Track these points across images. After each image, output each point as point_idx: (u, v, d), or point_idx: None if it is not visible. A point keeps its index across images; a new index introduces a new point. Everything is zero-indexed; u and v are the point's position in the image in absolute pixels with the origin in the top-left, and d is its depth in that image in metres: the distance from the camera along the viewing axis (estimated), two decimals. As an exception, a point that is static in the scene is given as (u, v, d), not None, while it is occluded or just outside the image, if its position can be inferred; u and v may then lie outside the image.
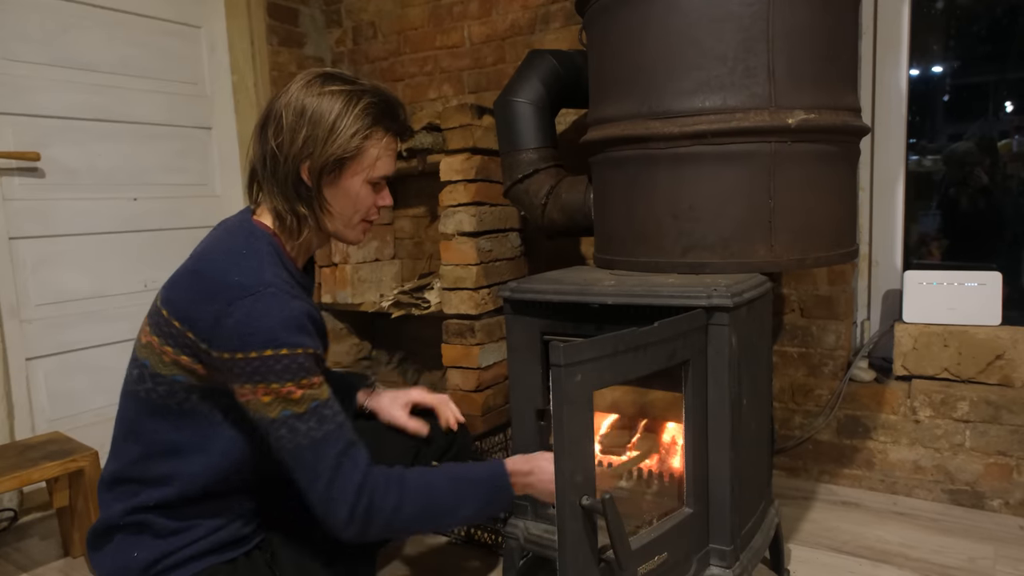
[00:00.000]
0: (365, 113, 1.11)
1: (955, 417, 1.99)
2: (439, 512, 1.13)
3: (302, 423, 1.03)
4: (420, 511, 1.10)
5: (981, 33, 2.33)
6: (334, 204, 1.15)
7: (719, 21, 1.43)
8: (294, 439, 1.03)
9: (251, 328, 1.00)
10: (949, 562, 1.73)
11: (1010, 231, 2.36)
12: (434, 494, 1.12)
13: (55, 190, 2.30)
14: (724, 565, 1.35)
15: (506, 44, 2.61)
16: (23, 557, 1.98)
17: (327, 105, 1.09)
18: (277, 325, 1.01)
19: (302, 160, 1.10)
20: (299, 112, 1.09)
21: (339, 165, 1.12)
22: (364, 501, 1.05)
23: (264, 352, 1.00)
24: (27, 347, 2.24)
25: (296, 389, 1.02)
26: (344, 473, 1.04)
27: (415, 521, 1.10)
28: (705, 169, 1.49)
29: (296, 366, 1.02)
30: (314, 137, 1.09)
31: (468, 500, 1.16)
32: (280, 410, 1.02)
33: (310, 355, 1.04)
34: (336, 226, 1.18)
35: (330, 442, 1.04)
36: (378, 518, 1.06)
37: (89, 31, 2.38)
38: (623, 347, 1.16)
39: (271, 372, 1.01)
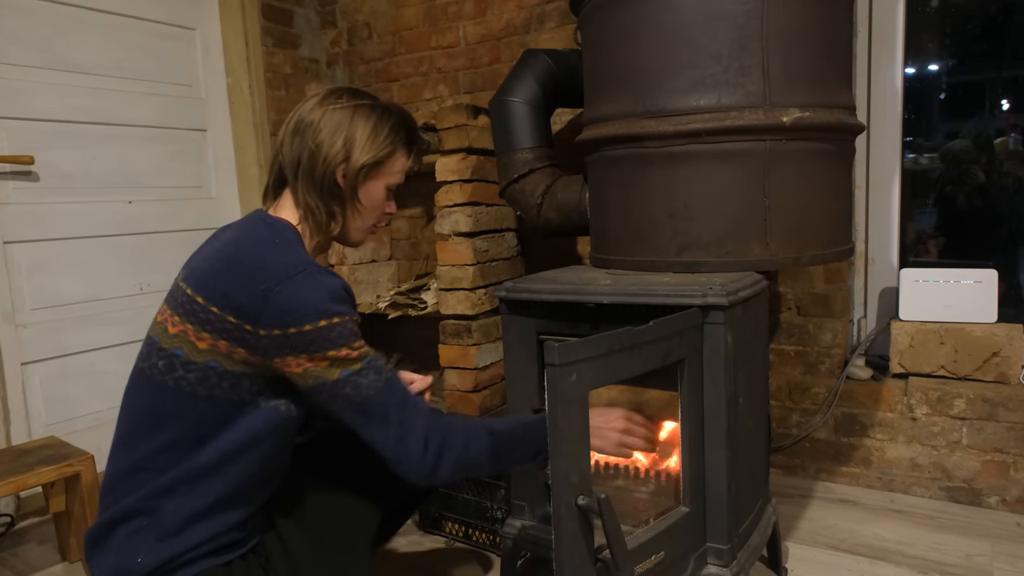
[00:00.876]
0: (398, 125, 1.26)
1: (952, 414, 2.00)
2: (502, 451, 1.20)
3: (364, 378, 1.12)
4: (487, 449, 1.18)
5: (976, 31, 2.34)
6: (362, 205, 1.26)
7: (713, 20, 1.43)
8: (359, 393, 1.12)
9: (302, 303, 1.08)
10: (946, 559, 1.73)
11: (1006, 229, 2.37)
12: (497, 434, 1.20)
13: (50, 194, 2.29)
14: (721, 564, 1.35)
15: (501, 44, 2.61)
16: (20, 563, 1.97)
17: (364, 115, 1.23)
18: (325, 298, 1.10)
19: (339, 163, 1.21)
20: (337, 124, 1.21)
21: (372, 170, 1.24)
22: (437, 437, 1.14)
23: (318, 323, 1.08)
24: (23, 352, 2.23)
25: (351, 351, 1.12)
26: (412, 414, 1.14)
27: (481, 458, 1.18)
28: (700, 168, 1.49)
29: (348, 332, 1.12)
30: (354, 141, 1.21)
31: (527, 442, 1.22)
32: (340, 372, 1.11)
33: (354, 321, 1.15)
34: (355, 227, 1.29)
35: (393, 389, 1.14)
36: (449, 454, 1.15)
37: (83, 34, 2.37)
38: (618, 346, 1.16)
39: (327, 340, 1.09)
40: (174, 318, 1.14)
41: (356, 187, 1.23)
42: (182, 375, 1.11)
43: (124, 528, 1.11)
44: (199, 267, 1.16)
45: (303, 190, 1.22)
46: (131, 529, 1.11)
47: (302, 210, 1.22)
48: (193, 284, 1.13)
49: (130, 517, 1.11)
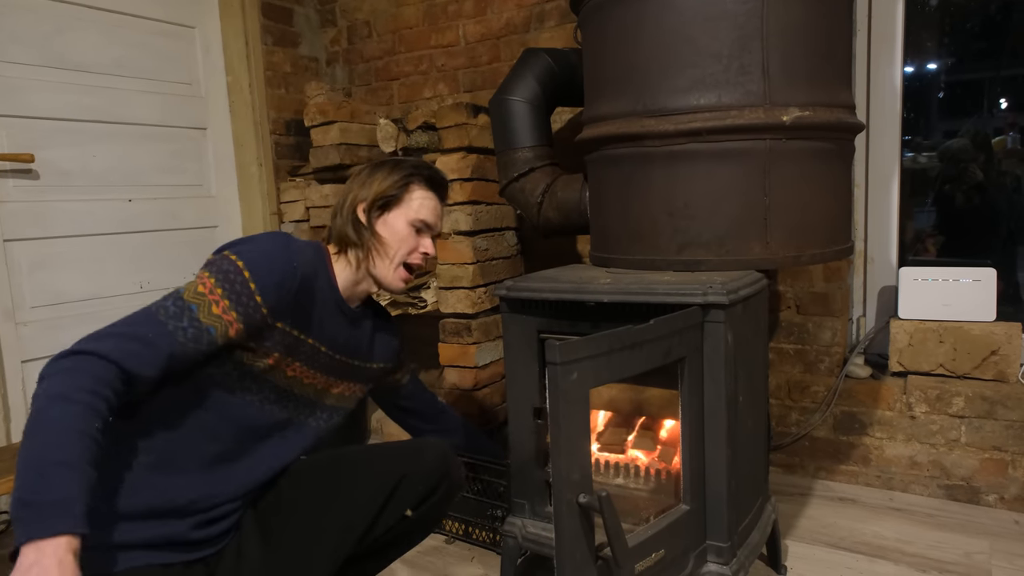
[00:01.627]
0: (404, 167, 1.41)
1: (950, 413, 2.00)
2: (33, 429, 0.99)
3: (172, 301, 1.12)
4: (27, 432, 0.99)
5: (975, 30, 2.34)
6: (381, 236, 1.37)
7: (713, 19, 1.43)
8: (153, 305, 1.13)
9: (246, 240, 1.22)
10: (945, 557, 1.73)
11: (1004, 227, 2.37)
12: (40, 441, 0.97)
13: (50, 192, 2.29)
14: (721, 562, 1.35)
15: (501, 43, 2.61)
16: (20, 559, 1.97)
17: (385, 165, 1.42)
18: (258, 250, 1.20)
19: (359, 201, 1.37)
20: (369, 168, 1.43)
21: (386, 204, 1.38)
22: (72, 358, 1.06)
23: (231, 255, 1.17)
24: (23, 350, 2.23)
25: (207, 289, 1.13)
26: (93, 340, 1.10)
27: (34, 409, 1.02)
28: (700, 167, 1.49)
29: (231, 279, 1.14)
30: (369, 183, 1.39)
31: (21, 482, 0.93)
32: (184, 287, 1.14)
33: (250, 290, 1.15)
34: (381, 262, 1.37)
35: (149, 323, 1.10)
36: (46, 375, 1.06)
37: (83, 32, 2.37)
38: (619, 345, 1.16)
39: (217, 267, 1.15)
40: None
41: (373, 219, 1.37)
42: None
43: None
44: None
45: (335, 225, 1.39)
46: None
47: (336, 241, 1.38)
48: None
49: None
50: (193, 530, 1.17)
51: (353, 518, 1.26)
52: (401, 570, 1.81)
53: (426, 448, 1.36)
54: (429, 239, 1.43)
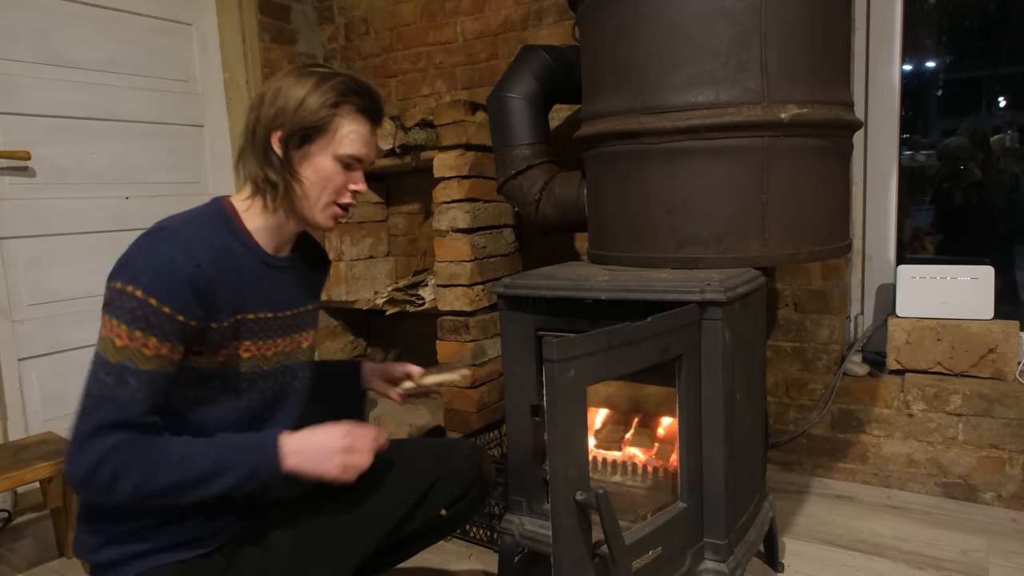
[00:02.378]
0: (333, 88, 1.15)
1: (948, 411, 2.00)
2: (194, 480, 1.04)
3: (103, 372, 1.02)
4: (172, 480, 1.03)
5: (974, 28, 2.34)
6: (303, 175, 1.16)
7: (712, 16, 1.43)
8: (91, 380, 1.02)
9: (131, 260, 1.04)
10: (942, 555, 1.73)
11: (1002, 225, 2.37)
12: (192, 463, 1.04)
13: (46, 189, 2.29)
14: (718, 559, 1.35)
15: (499, 40, 2.60)
16: (18, 558, 1.97)
17: (302, 81, 1.15)
18: (151, 268, 1.03)
19: (273, 129, 1.14)
20: (276, 90, 1.15)
21: (307, 135, 1.15)
22: (106, 472, 0.99)
23: (126, 287, 1.02)
24: (19, 347, 2.23)
25: (125, 337, 1.01)
26: (101, 441, 1.00)
27: (167, 489, 1.03)
28: (698, 164, 1.49)
29: (140, 314, 1.01)
30: (285, 108, 1.13)
31: (228, 467, 1.06)
32: (101, 348, 1.03)
33: (164, 314, 1.02)
34: (305, 202, 1.18)
35: (110, 407, 1.01)
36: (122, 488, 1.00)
37: (79, 29, 2.37)
38: (616, 342, 1.16)
39: (119, 307, 1.02)
40: None
41: (290, 155, 1.15)
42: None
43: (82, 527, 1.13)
44: None
45: (246, 160, 1.18)
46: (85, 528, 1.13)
47: (251, 184, 1.18)
48: None
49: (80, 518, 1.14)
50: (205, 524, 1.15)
51: (385, 516, 1.26)
52: (399, 568, 1.80)
53: (457, 449, 1.37)
54: (360, 172, 1.22)
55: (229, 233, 1.16)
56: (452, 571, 1.78)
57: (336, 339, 2.95)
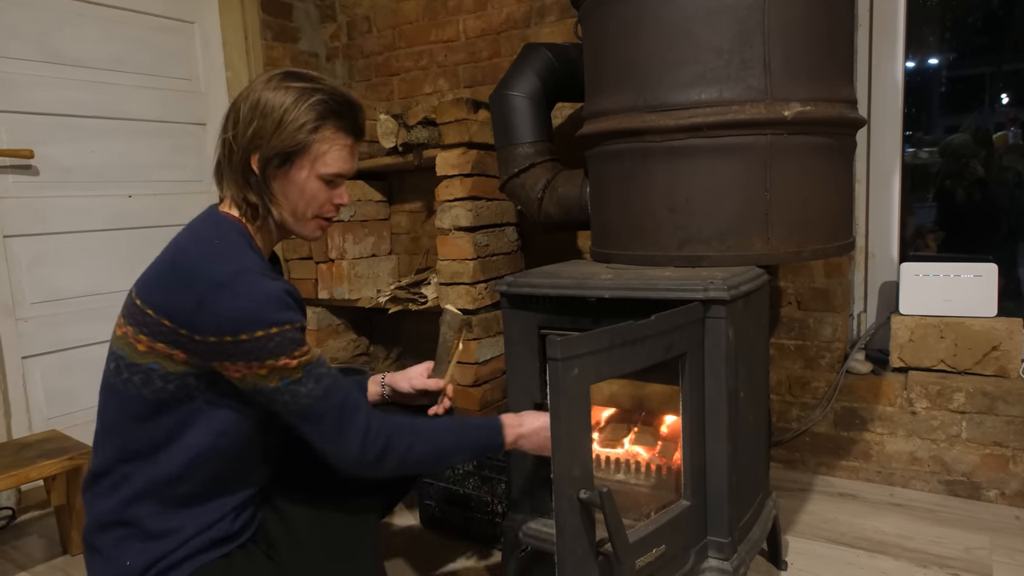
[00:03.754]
0: (313, 108, 1.12)
1: (951, 408, 2.00)
2: (444, 453, 1.24)
3: (302, 387, 1.09)
4: (429, 451, 1.21)
5: (977, 24, 2.33)
6: (282, 196, 1.16)
7: (714, 14, 1.43)
8: (297, 401, 1.10)
9: (239, 311, 1.03)
10: (946, 552, 1.73)
11: (1006, 223, 2.36)
12: (440, 437, 1.23)
13: (49, 188, 2.29)
14: (722, 557, 1.35)
15: (501, 38, 2.60)
16: (22, 555, 1.98)
17: (279, 99, 1.12)
18: (264, 306, 1.05)
19: (252, 151, 1.13)
20: (254, 105, 1.13)
21: (286, 158, 1.13)
22: (378, 441, 1.15)
23: (256, 333, 1.04)
24: (23, 345, 2.23)
25: (291, 360, 1.08)
26: (350, 420, 1.13)
27: (424, 460, 1.22)
28: (701, 162, 1.48)
29: (287, 341, 1.07)
30: (264, 129, 1.11)
31: (468, 443, 1.26)
32: (279, 380, 1.08)
33: (297, 328, 1.10)
34: (287, 219, 1.19)
35: (331, 396, 1.12)
36: (392, 456, 1.16)
37: (82, 27, 2.37)
38: (620, 341, 1.16)
39: (265, 350, 1.05)
40: (121, 320, 1.14)
41: (269, 178, 1.14)
42: (127, 377, 1.10)
43: (109, 536, 1.12)
44: (148, 270, 1.14)
45: (226, 180, 1.17)
46: (116, 537, 1.12)
47: (232, 202, 1.17)
48: (137, 287, 1.13)
49: (111, 527, 1.12)
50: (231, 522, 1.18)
51: None
52: (402, 565, 1.81)
53: None
54: (343, 187, 1.22)
55: (251, 250, 1.16)
56: (455, 570, 1.79)
57: (338, 337, 2.95)
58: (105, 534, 1.12)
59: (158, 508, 1.12)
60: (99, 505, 1.13)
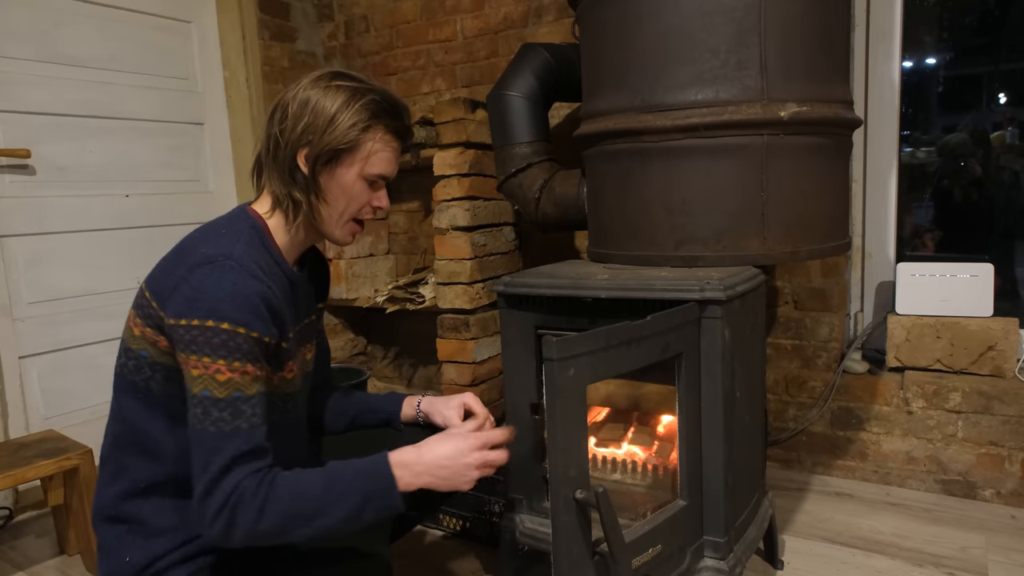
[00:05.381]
0: (365, 108, 1.12)
1: (947, 408, 2.00)
2: (306, 515, 1.01)
3: (216, 409, 0.99)
4: (282, 518, 0.99)
5: (973, 24, 2.34)
6: (328, 194, 1.15)
7: (711, 14, 1.43)
8: (203, 421, 0.99)
9: (201, 295, 1.00)
10: (941, 552, 1.74)
11: (1002, 223, 2.37)
12: (302, 495, 1.01)
13: (46, 187, 2.29)
14: (718, 557, 1.36)
15: (499, 38, 2.60)
16: (19, 555, 1.98)
17: (331, 98, 1.12)
18: (226, 297, 1.00)
19: (300, 147, 1.12)
20: (304, 102, 1.12)
21: (335, 155, 1.13)
22: (228, 508, 0.97)
23: (206, 322, 0.99)
24: (20, 345, 2.23)
25: (225, 370, 0.99)
26: (229, 477, 0.98)
27: (278, 528, 0.99)
28: (698, 162, 1.49)
29: (233, 345, 0.99)
30: (314, 126, 1.11)
31: (343, 498, 1.03)
32: (202, 388, 0.99)
33: (252, 338, 1.01)
34: (327, 219, 1.17)
35: (233, 440, 0.99)
36: (239, 527, 0.98)
37: (79, 26, 2.36)
38: (616, 341, 1.17)
39: (207, 344, 0.99)
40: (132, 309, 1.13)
41: (317, 174, 1.13)
42: (124, 361, 1.09)
43: (112, 531, 1.12)
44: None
45: (268, 176, 1.16)
46: (117, 532, 1.11)
47: (272, 199, 1.16)
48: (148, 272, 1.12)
49: (115, 522, 1.11)
50: None
51: None
52: (400, 565, 1.81)
53: None
54: (384, 189, 1.21)
55: (265, 250, 1.13)
56: (452, 569, 1.79)
57: (336, 337, 2.95)
58: (107, 527, 1.12)
59: (161, 504, 1.11)
60: (100, 496, 1.13)
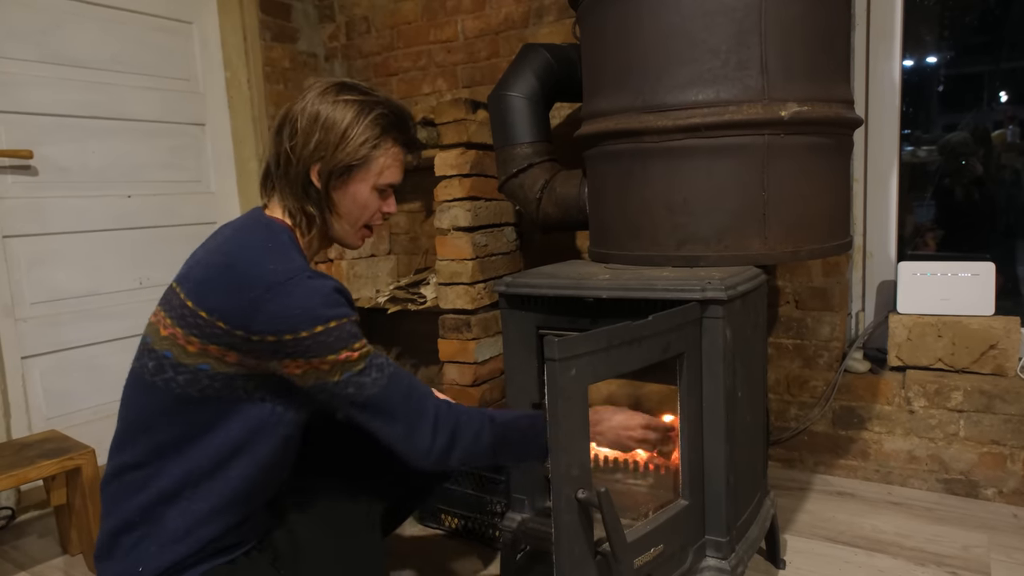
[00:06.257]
0: (375, 123, 1.18)
1: (949, 407, 2.00)
2: (506, 445, 1.21)
3: (366, 377, 1.11)
4: (491, 441, 1.19)
5: (974, 23, 2.34)
6: (341, 207, 1.21)
7: (712, 14, 1.43)
8: (362, 392, 1.11)
9: (297, 310, 1.06)
10: (943, 551, 1.74)
11: (1003, 221, 2.37)
12: (502, 427, 1.21)
13: (49, 188, 2.29)
14: (720, 556, 1.36)
15: (500, 38, 2.60)
16: (21, 555, 1.98)
17: (340, 113, 1.16)
18: (320, 304, 1.08)
19: (313, 163, 1.16)
20: (313, 117, 1.16)
21: (348, 171, 1.18)
22: (446, 430, 1.15)
23: (315, 330, 1.07)
24: (22, 346, 2.23)
25: (351, 353, 1.10)
26: (419, 407, 1.14)
27: (486, 450, 1.19)
28: (699, 162, 1.49)
29: (347, 335, 1.10)
30: (326, 142, 1.15)
31: (533, 440, 1.23)
32: (342, 373, 1.10)
33: (353, 322, 1.13)
34: (340, 229, 1.25)
35: (397, 383, 1.14)
36: (459, 445, 1.16)
37: (81, 27, 2.37)
38: (618, 341, 1.17)
39: (325, 345, 1.08)
40: (166, 320, 1.13)
41: (330, 189, 1.18)
42: (171, 376, 1.10)
43: (128, 538, 1.11)
44: (193, 269, 1.14)
45: (280, 189, 1.20)
46: (134, 539, 1.11)
47: (285, 210, 1.20)
48: (185, 288, 1.12)
49: (133, 527, 1.11)
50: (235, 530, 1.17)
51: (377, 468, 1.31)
52: (401, 565, 1.81)
53: None
54: (392, 196, 1.29)
55: (299, 253, 1.19)
56: (454, 569, 1.79)
57: (338, 337, 2.95)
58: (124, 537, 1.11)
59: (188, 507, 1.11)
60: (124, 503, 1.12)
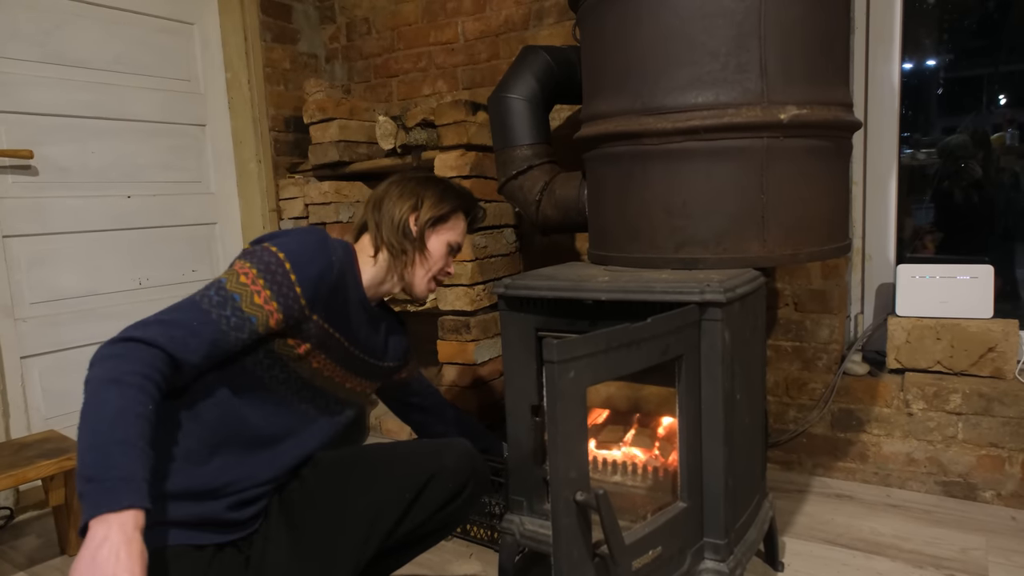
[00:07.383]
0: (456, 195, 1.50)
1: (948, 409, 2.01)
2: (92, 408, 0.98)
3: (215, 291, 1.13)
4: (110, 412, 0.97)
5: (973, 26, 2.34)
6: (429, 251, 1.45)
7: (711, 16, 1.43)
8: (195, 296, 1.13)
9: (285, 235, 1.22)
10: (942, 553, 1.74)
11: (1002, 224, 2.37)
12: (103, 400, 0.98)
13: (49, 188, 2.29)
14: (718, 559, 1.36)
15: (500, 40, 2.61)
16: (20, 555, 1.98)
17: (431, 187, 1.48)
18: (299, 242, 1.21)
19: (412, 212, 1.43)
20: (412, 188, 1.46)
21: (437, 222, 1.45)
22: (122, 343, 1.03)
23: (271, 247, 1.18)
24: (22, 346, 2.24)
25: (250, 277, 1.15)
26: (139, 328, 1.05)
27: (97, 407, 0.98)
28: (698, 165, 1.49)
29: (272, 269, 1.16)
30: (423, 198, 1.45)
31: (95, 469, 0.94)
32: (224, 275, 1.16)
33: (290, 281, 1.17)
34: (417, 273, 1.44)
35: (173, 330, 1.06)
36: (101, 363, 1.01)
37: (82, 28, 2.37)
38: (616, 343, 1.17)
39: (257, 258, 1.17)
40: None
41: (424, 234, 1.43)
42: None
43: None
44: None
45: (385, 231, 1.41)
46: None
47: (383, 245, 1.40)
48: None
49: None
50: (227, 511, 1.18)
51: (381, 514, 1.26)
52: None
53: (453, 448, 1.35)
54: (453, 260, 1.55)
55: (352, 266, 1.35)
56: (453, 571, 1.79)
57: (337, 338, 2.95)
58: None
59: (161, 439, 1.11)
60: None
